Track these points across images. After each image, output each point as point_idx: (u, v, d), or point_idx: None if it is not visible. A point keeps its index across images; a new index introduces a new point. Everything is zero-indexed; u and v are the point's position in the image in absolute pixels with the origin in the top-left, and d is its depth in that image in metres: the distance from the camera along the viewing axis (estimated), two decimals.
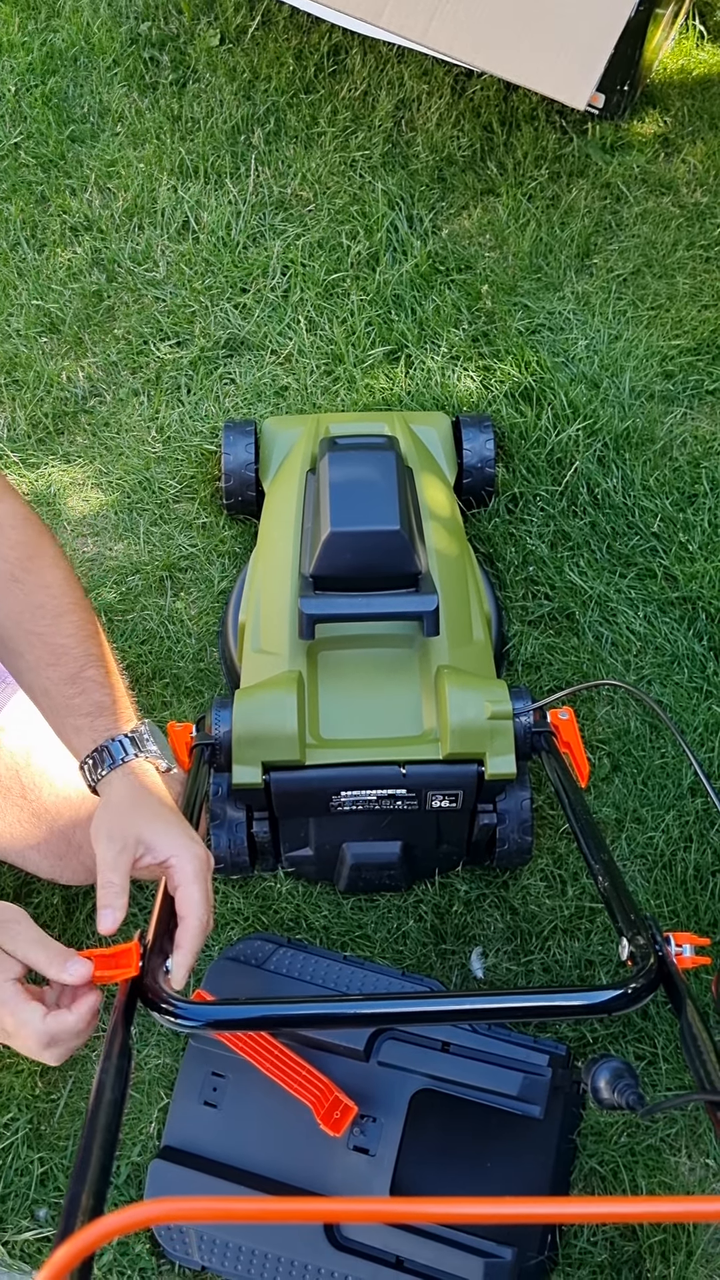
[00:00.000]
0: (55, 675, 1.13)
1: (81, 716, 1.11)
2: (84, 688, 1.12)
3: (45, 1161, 1.40)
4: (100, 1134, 0.74)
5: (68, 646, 1.14)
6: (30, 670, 1.15)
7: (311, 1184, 1.32)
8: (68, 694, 1.12)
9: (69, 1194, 0.69)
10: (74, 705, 1.12)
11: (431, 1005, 0.95)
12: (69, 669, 1.12)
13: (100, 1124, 0.75)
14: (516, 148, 2.25)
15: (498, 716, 1.37)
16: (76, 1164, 0.72)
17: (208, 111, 2.29)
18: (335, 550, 1.45)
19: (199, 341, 2.03)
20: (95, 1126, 0.74)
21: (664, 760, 1.64)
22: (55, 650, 1.14)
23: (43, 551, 1.16)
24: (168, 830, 1.04)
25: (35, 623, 1.14)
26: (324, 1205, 0.60)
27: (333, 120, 2.27)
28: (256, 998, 1.30)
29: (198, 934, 0.99)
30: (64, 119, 2.29)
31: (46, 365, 2.01)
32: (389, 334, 2.03)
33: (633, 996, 0.91)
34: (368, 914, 1.55)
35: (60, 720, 1.13)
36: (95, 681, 1.14)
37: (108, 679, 1.14)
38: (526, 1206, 0.60)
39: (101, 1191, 0.70)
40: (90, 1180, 0.70)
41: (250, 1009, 0.96)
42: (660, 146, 2.27)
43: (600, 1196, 1.36)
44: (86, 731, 1.11)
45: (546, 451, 1.89)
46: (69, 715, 1.12)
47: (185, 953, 0.99)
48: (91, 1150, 0.73)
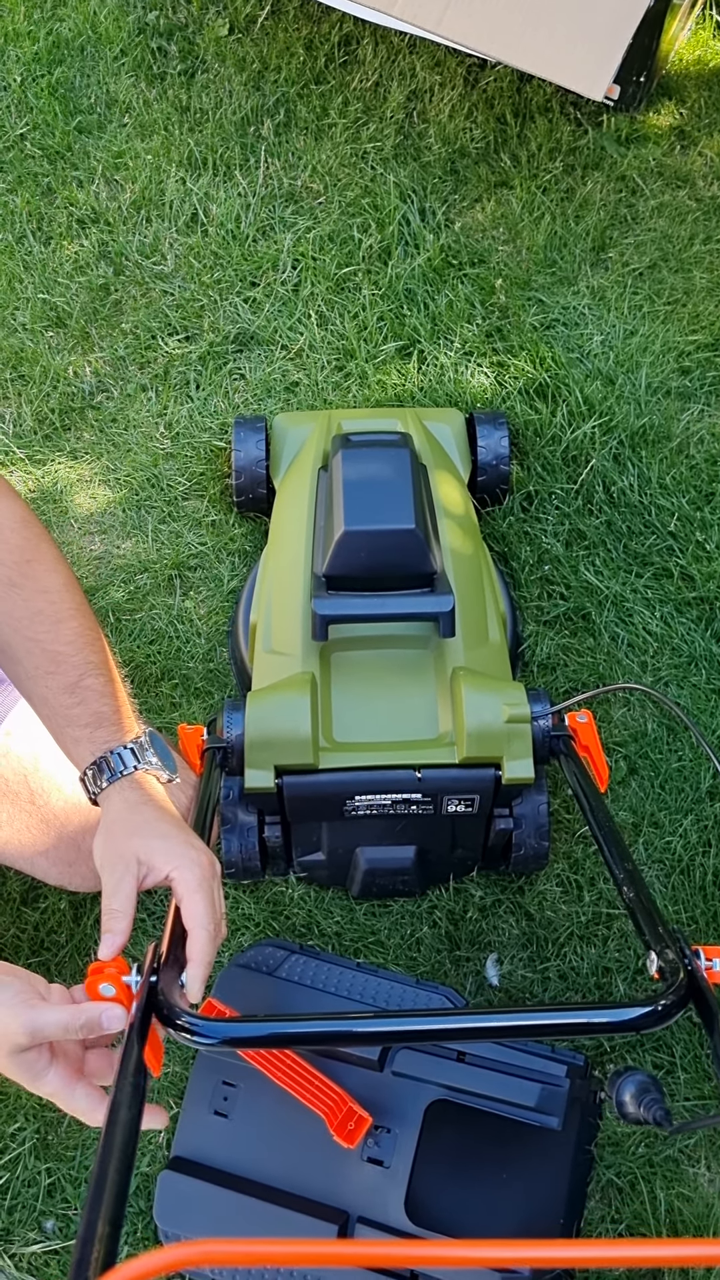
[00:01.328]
0: (54, 684, 1.10)
1: (81, 727, 1.08)
2: (83, 697, 1.09)
3: (53, 1172, 1.38)
4: (116, 1156, 0.71)
5: (67, 654, 1.11)
6: (29, 678, 1.12)
7: (324, 1196, 1.30)
8: (66, 703, 1.09)
9: (84, 1221, 0.67)
10: (73, 715, 1.09)
11: (453, 1022, 0.92)
12: (68, 677, 1.09)
13: (116, 1145, 0.72)
14: (530, 140, 2.21)
15: (515, 720, 1.34)
16: (91, 1189, 0.69)
17: (216, 102, 2.26)
18: (349, 549, 1.42)
19: (208, 336, 2.00)
20: (110, 1148, 0.72)
21: (682, 763, 1.61)
22: (54, 658, 1.10)
23: (42, 555, 1.13)
24: (165, 845, 1.01)
25: (34, 629, 1.11)
26: (361, 1250, 0.57)
27: (344, 111, 2.24)
28: (273, 1014, 1.28)
29: (207, 945, 0.97)
30: (70, 110, 2.26)
31: (53, 360, 1.98)
32: (401, 329, 2.00)
33: (662, 1014, 0.88)
34: (381, 920, 1.52)
35: (59, 730, 1.11)
36: (95, 690, 1.10)
37: (108, 688, 1.11)
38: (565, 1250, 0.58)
39: (118, 1218, 0.67)
40: (106, 1206, 0.67)
41: (268, 1026, 0.93)
42: (676, 139, 2.23)
43: (616, 1240, 1.34)
44: (85, 743, 1.08)
45: (561, 449, 1.86)
46: (68, 725, 1.09)
47: (197, 965, 0.96)
48: (107, 1174, 0.70)
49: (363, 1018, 0.96)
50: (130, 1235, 1.36)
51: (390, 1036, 0.96)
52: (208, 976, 0.97)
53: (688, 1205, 1.34)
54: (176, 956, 0.98)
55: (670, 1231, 1.33)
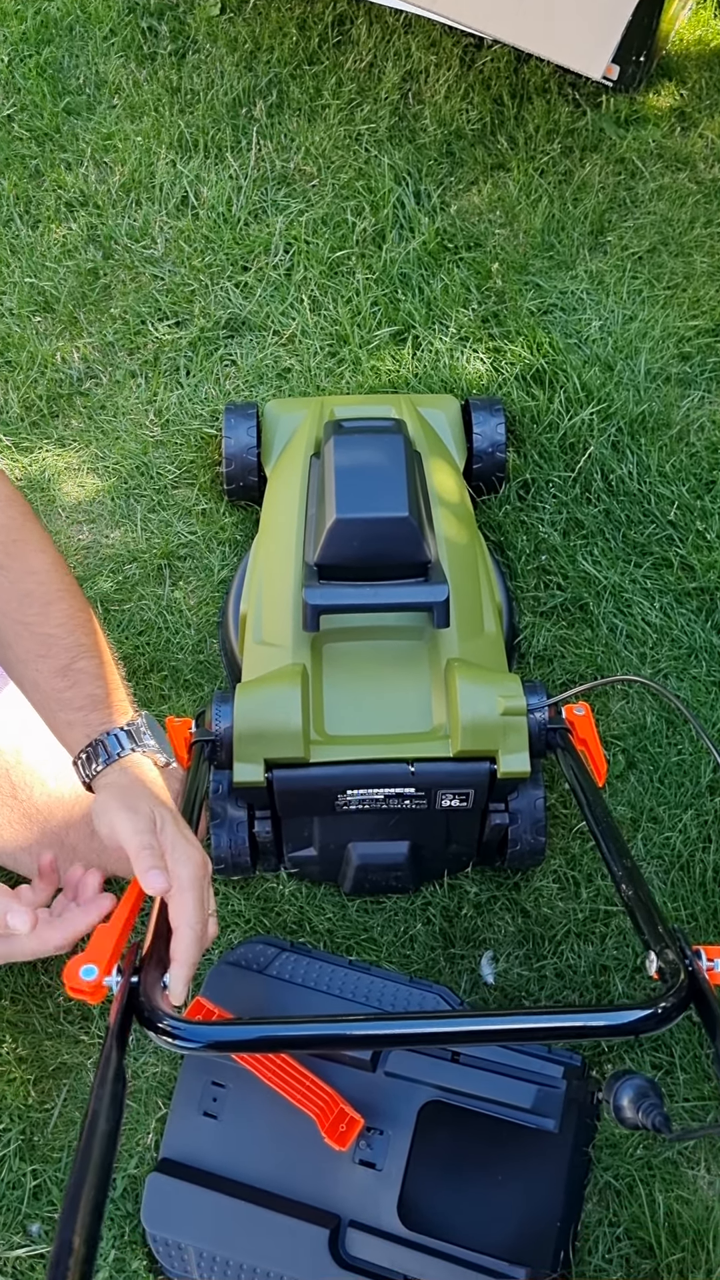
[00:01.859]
0: (45, 667, 1.07)
1: (74, 710, 1.05)
2: (75, 680, 1.06)
3: (38, 1174, 1.35)
4: (93, 1171, 0.68)
5: (57, 636, 1.08)
6: (20, 662, 1.09)
7: (316, 1199, 1.27)
8: (59, 686, 1.06)
9: (58, 1239, 0.64)
10: (66, 699, 1.06)
11: (447, 1026, 0.89)
12: (59, 660, 1.06)
13: (93, 1159, 0.69)
14: (528, 121, 2.17)
15: (511, 712, 1.31)
16: (65, 1203, 0.66)
17: (208, 83, 2.22)
18: (341, 538, 1.39)
19: (198, 321, 1.96)
20: (88, 1162, 0.68)
21: (681, 757, 1.58)
22: (44, 641, 1.08)
23: (28, 536, 1.10)
24: (163, 829, 0.98)
25: (23, 612, 1.08)
26: None
27: (337, 92, 2.20)
28: (261, 1017, 1.25)
29: (192, 946, 0.93)
30: (59, 90, 2.22)
31: (40, 345, 1.95)
32: (395, 314, 1.96)
33: (662, 1016, 0.86)
34: (374, 917, 1.49)
35: (52, 714, 1.08)
36: (87, 673, 1.08)
37: (101, 670, 1.08)
38: None
39: (94, 1236, 0.64)
40: (82, 1223, 0.64)
41: (254, 1029, 0.90)
42: (676, 120, 2.20)
43: None
44: (79, 726, 1.05)
45: (559, 436, 1.82)
46: (61, 709, 1.06)
47: (181, 965, 0.93)
48: (83, 1189, 0.67)
49: (355, 1020, 0.93)
50: (118, 1239, 1.33)
51: (383, 1040, 0.93)
52: (192, 978, 0.94)
53: (687, 1208, 1.31)
54: (160, 956, 0.95)
55: (669, 1235, 1.30)
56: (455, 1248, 1.23)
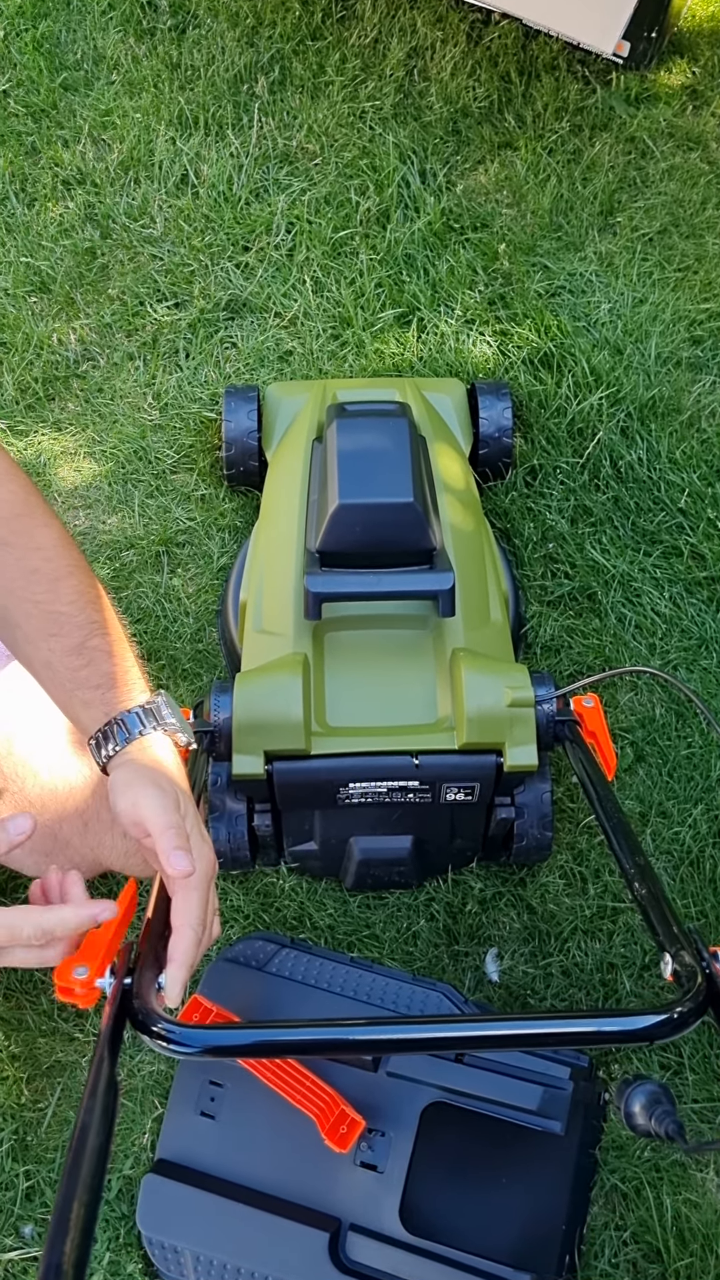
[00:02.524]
0: (58, 646, 1.03)
1: (90, 689, 1.01)
2: (90, 658, 1.02)
3: (32, 1175, 1.32)
4: (82, 1189, 0.64)
5: (69, 614, 1.04)
6: (29, 642, 1.05)
7: (316, 1202, 1.24)
8: (73, 666, 1.02)
9: (45, 1262, 0.60)
10: (81, 677, 1.02)
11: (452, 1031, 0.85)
12: (72, 639, 1.02)
13: (82, 1177, 0.65)
14: (536, 99, 2.13)
15: (518, 704, 1.28)
16: (53, 1224, 0.62)
17: (208, 59, 2.17)
18: (343, 524, 1.35)
19: (198, 303, 1.92)
20: (76, 1180, 0.65)
21: (691, 750, 1.55)
22: (55, 619, 1.04)
23: (32, 510, 1.06)
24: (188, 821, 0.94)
25: (31, 590, 1.04)
26: None
27: (341, 69, 2.15)
28: (259, 1021, 1.21)
29: (192, 947, 0.90)
30: (56, 66, 2.17)
31: (36, 327, 1.90)
32: (400, 296, 1.92)
33: (678, 1023, 0.82)
34: (376, 913, 1.46)
35: (67, 694, 1.04)
36: (102, 651, 1.04)
37: (116, 648, 1.04)
38: None
39: (83, 1259, 0.60)
40: (71, 1247, 0.60)
41: (252, 1034, 0.87)
42: (688, 99, 2.15)
43: None
44: (97, 705, 1.01)
45: (567, 421, 1.78)
46: (76, 688, 1.02)
47: (179, 966, 0.89)
48: (71, 1209, 0.63)
49: (356, 1024, 0.90)
50: (113, 1241, 1.30)
51: (386, 1045, 0.90)
52: (189, 979, 0.90)
53: (696, 1212, 1.28)
54: (156, 955, 0.91)
55: (678, 1240, 1.27)
56: (458, 1252, 1.20)
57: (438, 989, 1.32)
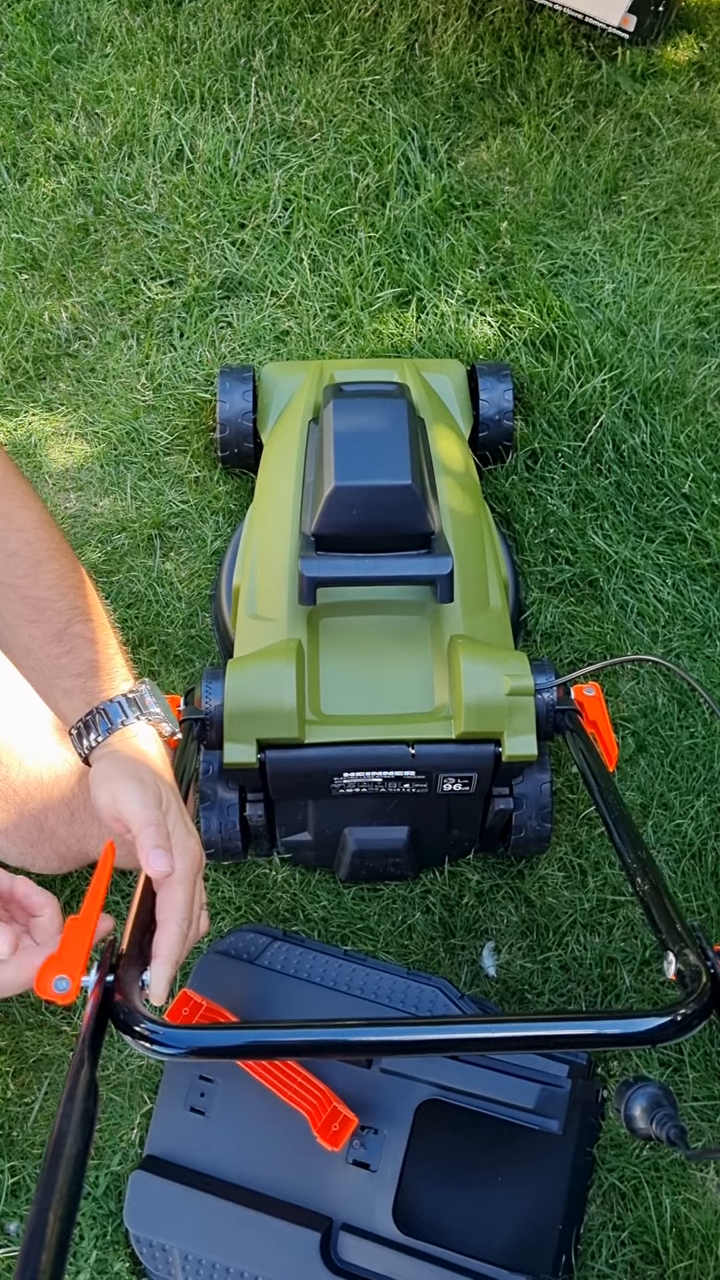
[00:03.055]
0: (38, 633, 1.00)
1: (71, 677, 0.98)
2: (72, 645, 0.99)
3: (17, 1171, 1.29)
4: (59, 1199, 0.61)
5: (49, 599, 1.01)
6: (8, 628, 1.02)
7: (307, 1201, 1.22)
8: (54, 653, 0.99)
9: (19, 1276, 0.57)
10: (62, 665, 0.99)
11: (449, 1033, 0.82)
12: (53, 625, 0.99)
13: (59, 1185, 0.62)
14: (540, 74, 2.08)
15: (517, 692, 1.25)
16: (27, 1236, 0.59)
17: (205, 32, 2.12)
18: (340, 507, 1.32)
19: (193, 281, 1.88)
20: (52, 1189, 0.61)
21: (694, 741, 1.52)
22: (35, 604, 1.01)
23: (11, 491, 1.02)
24: (171, 815, 0.91)
25: (10, 574, 1.01)
26: None
27: (340, 42, 2.10)
28: (247, 1022, 1.18)
29: (177, 942, 0.87)
30: (49, 38, 2.12)
31: (27, 305, 1.86)
32: (399, 275, 1.88)
33: (682, 1025, 0.79)
34: (370, 905, 1.43)
35: (47, 682, 1.01)
36: (84, 638, 1.01)
37: (98, 634, 1.01)
38: None
39: (59, 1273, 0.57)
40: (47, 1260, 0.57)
41: (240, 1035, 0.84)
42: (695, 75, 2.10)
43: None
44: (78, 694, 0.98)
45: (569, 404, 1.74)
46: (57, 676, 0.99)
47: (164, 963, 0.86)
48: (47, 1218, 0.60)
49: (350, 1026, 0.86)
50: (100, 1238, 1.27)
51: (379, 1048, 0.87)
52: (174, 976, 0.87)
53: (695, 1212, 1.26)
54: (140, 950, 0.88)
55: (676, 1240, 1.24)
56: (452, 1253, 1.18)
57: (433, 983, 1.29)
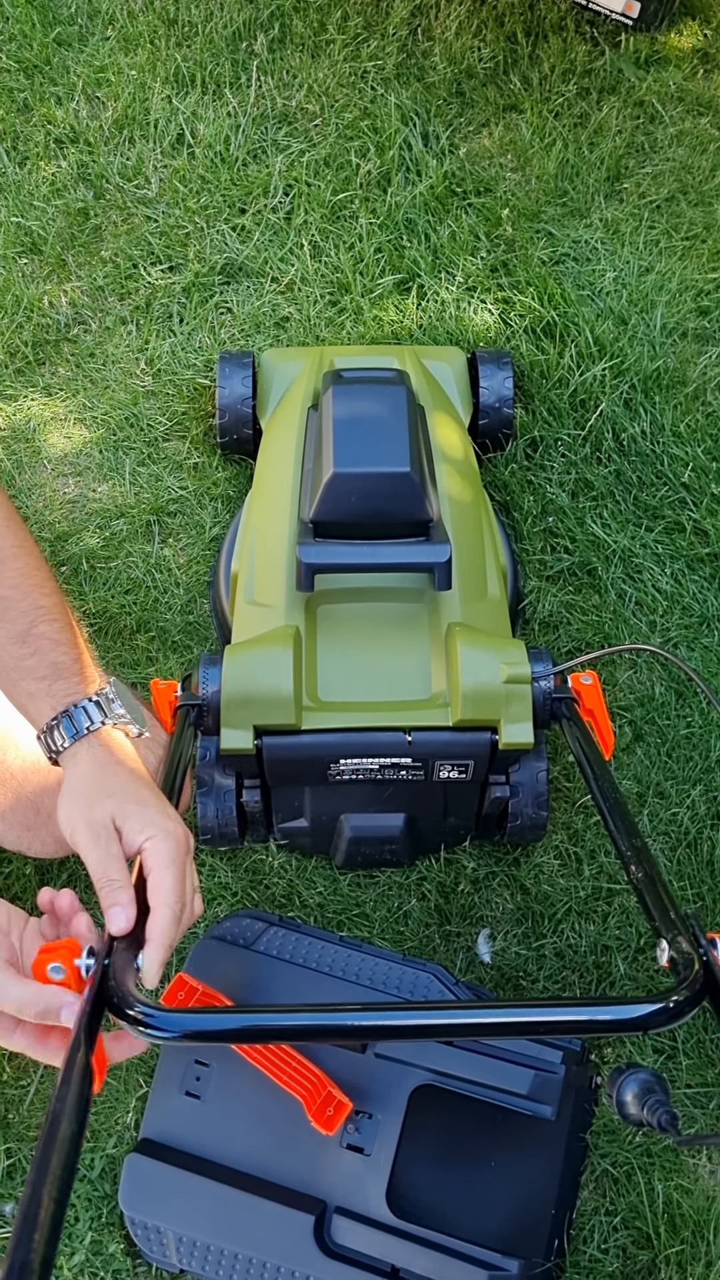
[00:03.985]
0: (1, 634, 0.99)
1: (36, 680, 0.98)
2: (37, 646, 0.99)
3: (13, 1153, 1.30)
4: (52, 1182, 0.61)
5: (12, 599, 1.00)
6: None
7: (301, 1184, 1.22)
8: (18, 654, 0.99)
9: (10, 1258, 0.57)
10: (27, 667, 0.99)
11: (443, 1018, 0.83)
12: (17, 626, 0.99)
13: (53, 1166, 0.62)
14: (542, 60, 2.07)
15: (514, 680, 1.25)
16: (19, 1219, 0.60)
17: (206, 15, 2.10)
18: (338, 494, 1.32)
19: (193, 266, 1.87)
20: (46, 1171, 0.62)
21: (690, 730, 1.52)
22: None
23: None
24: (141, 810, 0.91)
25: None
26: None
27: (343, 27, 2.09)
28: (242, 1006, 1.19)
29: (169, 925, 0.87)
30: (49, 20, 2.10)
31: (26, 289, 1.85)
32: (400, 261, 1.87)
33: (674, 1012, 0.79)
34: (366, 891, 1.43)
35: (12, 684, 1.00)
36: (49, 639, 1.00)
37: (64, 634, 1.00)
38: None
39: (50, 1255, 0.57)
40: (40, 1241, 0.57)
41: (235, 1019, 0.84)
42: (699, 62, 2.09)
43: None
44: (43, 697, 0.98)
45: (569, 392, 1.74)
46: (21, 678, 0.99)
47: (156, 946, 0.87)
48: (41, 1198, 0.60)
49: (345, 1010, 0.87)
50: (95, 1220, 1.28)
51: (373, 1032, 0.87)
52: (167, 960, 0.87)
53: (687, 1198, 1.27)
54: (134, 935, 0.88)
55: (668, 1225, 1.25)
56: (445, 1237, 1.18)
57: (428, 970, 1.29)
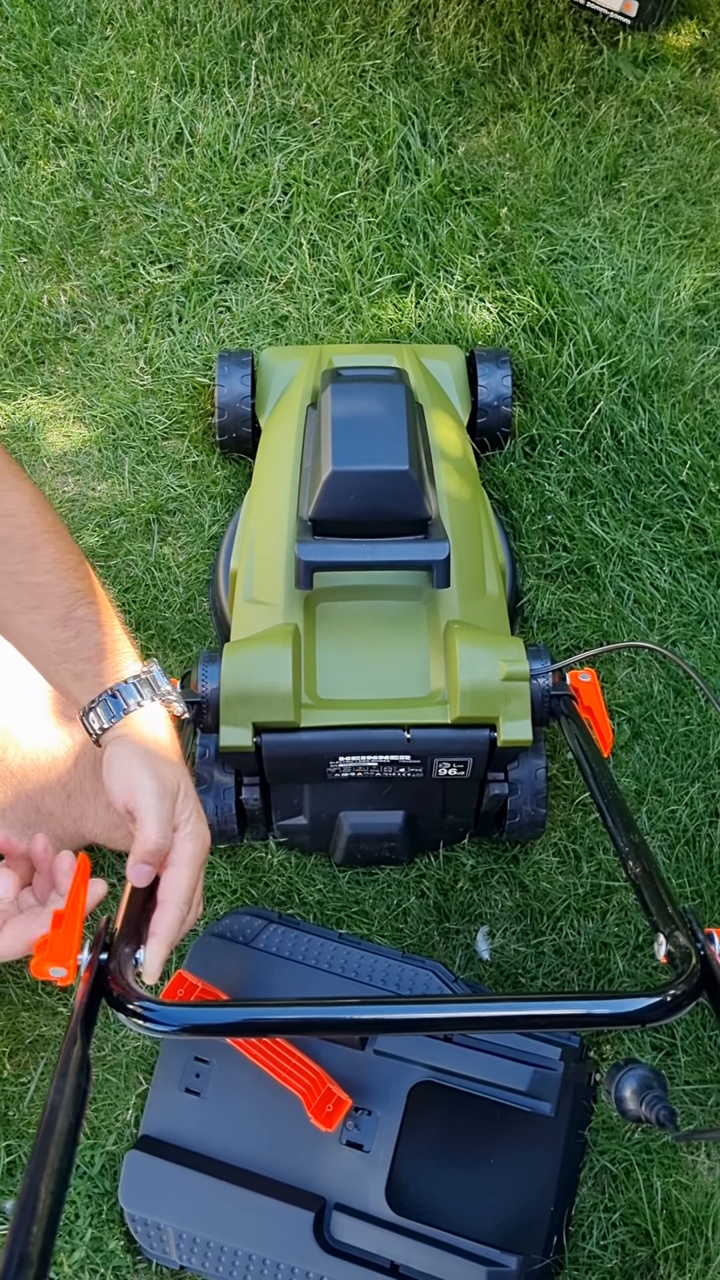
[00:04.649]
0: (41, 619, 0.99)
1: (81, 661, 0.99)
2: (79, 629, 0.99)
3: (13, 1150, 1.30)
4: (50, 1175, 0.61)
5: (49, 584, 1.00)
6: (8, 614, 1.01)
7: (301, 1181, 1.23)
8: (60, 638, 0.99)
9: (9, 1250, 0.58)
10: (70, 650, 0.99)
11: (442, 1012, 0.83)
12: (56, 610, 0.99)
13: (50, 1161, 0.62)
14: (541, 59, 2.07)
15: (513, 678, 1.25)
16: (17, 1211, 0.60)
17: (205, 14, 2.11)
18: (337, 492, 1.32)
19: (192, 265, 1.87)
20: (44, 1164, 0.62)
21: (689, 727, 1.52)
22: (35, 591, 1.00)
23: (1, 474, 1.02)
24: (188, 796, 0.92)
25: (4, 560, 1.00)
26: None
27: (341, 26, 2.09)
28: (240, 1000, 1.19)
29: (176, 924, 0.87)
30: (49, 19, 2.10)
31: (26, 288, 1.86)
32: (399, 260, 1.87)
33: (671, 1005, 0.79)
34: (366, 889, 1.43)
35: (55, 667, 1.01)
36: (90, 621, 1.01)
37: (103, 616, 1.01)
38: None
39: (48, 1247, 0.58)
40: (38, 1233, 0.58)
41: (233, 1012, 0.84)
42: (697, 61, 2.09)
43: None
44: (89, 677, 0.98)
45: (568, 391, 1.74)
46: (65, 661, 0.99)
47: (160, 942, 0.87)
48: (39, 1191, 0.61)
49: (343, 1004, 0.87)
50: (95, 1217, 1.28)
51: (371, 1025, 0.88)
52: (168, 956, 0.87)
53: (685, 1194, 1.27)
54: (135, 929, 0.88)
55: (667, 1222, 1.25)
56: (445, 1233, 1.19)
57: (427, 967, 1.30)
